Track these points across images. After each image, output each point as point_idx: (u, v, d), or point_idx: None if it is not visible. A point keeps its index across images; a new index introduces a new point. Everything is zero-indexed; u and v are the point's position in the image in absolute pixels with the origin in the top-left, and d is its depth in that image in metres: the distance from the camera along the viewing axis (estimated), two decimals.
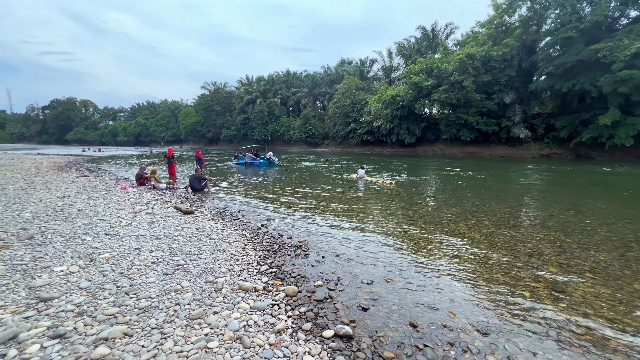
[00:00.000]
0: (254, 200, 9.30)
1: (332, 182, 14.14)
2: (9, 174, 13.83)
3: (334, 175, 16.53)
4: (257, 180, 14.11)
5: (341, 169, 20.41)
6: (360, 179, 15.56)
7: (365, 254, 4.78)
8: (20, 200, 7.47)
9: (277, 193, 10.53)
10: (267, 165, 22.84)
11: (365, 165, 17.35)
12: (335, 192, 11.00)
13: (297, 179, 14.64)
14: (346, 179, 15.75)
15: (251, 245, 5.01)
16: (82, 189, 9.78)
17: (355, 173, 16.50)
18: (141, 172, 11.55)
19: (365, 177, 15.67)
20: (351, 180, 15.29)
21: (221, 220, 6.60)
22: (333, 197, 9.81)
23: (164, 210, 7.19)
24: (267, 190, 11.06)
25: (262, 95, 66.13)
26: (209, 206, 8.24)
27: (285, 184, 12.99)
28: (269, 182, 13.41)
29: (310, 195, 10.19)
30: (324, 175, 16.79)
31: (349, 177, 16.09)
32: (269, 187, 11.90)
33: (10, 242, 4.44)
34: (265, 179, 14.88)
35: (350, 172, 17.63)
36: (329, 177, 15.89)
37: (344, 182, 14.26)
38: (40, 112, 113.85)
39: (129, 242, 4.76)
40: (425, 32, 49.81)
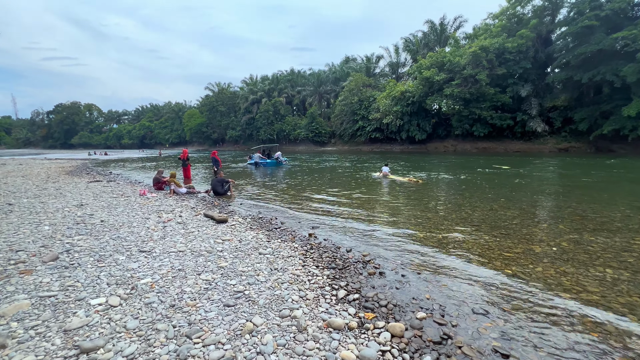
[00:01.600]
0: (282, 204, 8.57)
1: (357, 181, 13.38)
2: (19, 180, 13.23)
3: (355, 175, 15.74)
4: (277, 182, 13.38)
5: (359, 167, 19.62)
6: (384, 177, 14.81)
7: (448, 270, 4.02)
8: (35, 210, 6.79)
9: (304, 196, 9.79)
10: (274, 165, 22.43)
11: (389, 162, 16.52)
12: (368, 193, 10.23)
13: (319, 180, 13.89)
14: (369, 177, 15.00)
15: (310, 261, 4.26)
16: (98, 196, 9.10)
17: (378, 171, 15.73)
18: (159, 175, 10.87)
19: (389, 175, 14.91)
20: (375, 179, 14.55)
21: (261, 229, 5.87)
22: (369, 200, 9.04)
23: (194, 219, 6.48)
24: (292, 193, 10.33)
25: (267, 95, 65.44)
26: (240, 212, 7.51)
27: (308, 185, 12.25)
28: (290, 184, 12.68)
29: (342, 197, 9.43)
30: (345, 174, 16.02)
31: (372, 176, 15.33)
32: (292, 190, 11.16)
33: (33, 266, 3.73)
34: (285, 180, 14.14)
35: (369, 171, 16.83)
36: (350, 177, 15.12)
37: (369, 181, 13.49)
38: (45, 117, 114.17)
39: (169, 261, 4.04)
40: (433, 26, 48.75)
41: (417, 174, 15.11)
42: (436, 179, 13.54)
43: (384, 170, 15.20)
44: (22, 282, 3.32)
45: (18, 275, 3.46)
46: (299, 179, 14.26)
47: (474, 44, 33.56)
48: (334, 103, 60.72)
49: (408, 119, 42.07)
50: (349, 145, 54.85)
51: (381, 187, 11.68)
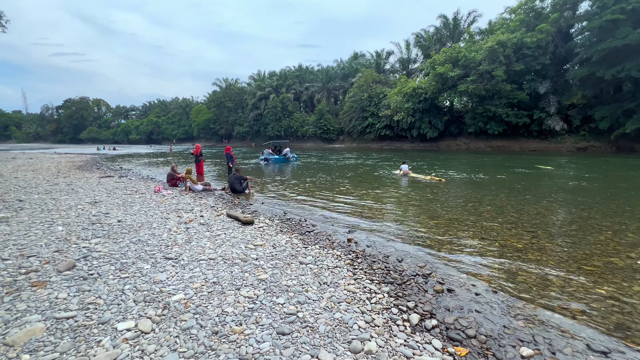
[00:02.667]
0: (307, 203, 8.01)
1: (378, 180, 12.76)
2: (29, 175, 12.88)
3: (374, 172, 15.10)
4: (296, 179, 12.83)
5: (375, 165, 18.97)
6: (404, 175, 14.21)
7: (530, 287, 3.42)
8: (47, 208, 6.33)
9: (328, 195, 9.21)
10: (283, 162, 22.12)
11: (407, 160, 15.86)
12: (394, 192, 9.61)
13: (338, 178, 13.29)
14: (388, 175, 14.39)
15: (361, 273, 3.69)
16: (112, 192, 8.64)
17: (398, 169, 15.11)
18: (173, 171, 10.38)
19: (409, 173, 14.30)
20: (395, 177, 13.94)
21: (293, 232, 5.31)
22: (399, 199, 8.42)
23: (217, 220, 5.95)
24: (314, 192, 9.76)
25: (275, 91, 64.85)
26: (264, 212, 6.97)
27: (329, 183, 11.67)
28: (310, 182, 12.10)
29: (368, 196, 8.84)
30: (363, 172, 15.39)
31: (392, 174, 14.72)
32: (313, 188, 10.59)
33: (46, 276, 3.22)
34: (303, 177, 13.57)
35: (386, 169, 16.16)
36: (369, 175, 14.50)
37: (390, 179, 12.86)
38: (54, 112, 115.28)
39: (200, 272, 3.50)
40: (446, 21, 47.53)
41: (436, 173, 14.42)
42: (461, 179, 12.85)
43: (404, 169, 14.58)
44: (35, 297, 2.80)
45: (30, 288, 2.95)
46: (318, 177, 13.69)
47: (491, 38, 32.48)
48: (342, 99, 59.93)
49: (420, 116, 41.16)
50: (357, 143, 54.08)
51: (405, 186, 11.05)
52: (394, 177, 13.76)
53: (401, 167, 14.82)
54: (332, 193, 9.52)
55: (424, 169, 16.19)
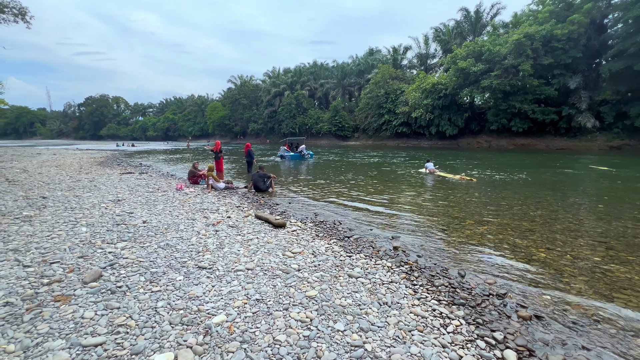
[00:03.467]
0: (336, 204, 7.51)
1: (404, 178, 12.12)
2: (53, 171, 12.95)
3: (398, 171, 14.43)
4: (319, 178, 12.34)
5: (396, 163, 18.26)
6: (430, 174, 13.54)
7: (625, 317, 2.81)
8: (70, 206, 6.08)
9: (357, 195, 8.68)
10: (298, 159, 21.95)
11: (431, 158, 15.11)
12: (426, 192, 8.98)
13: (363, 176, 12.73)
14: (414, 174, 13.75)
15: (423, 291, 3.17)
16: (134, 190, 8.41)
17: (423, 168, 14.43)
18: (194, 169, 10.09)
19: (436, 171, 13.62)
20: (421, 175, 13.31)
21: (330, 237, 4.83)
22: (434, 201, 7.80)
23: (245, 221, 5.54)
24: (342, 191, 9.24)
25: (290, 88, 64.50)
26: (294, 213, 6.52)
27: (354, 182, 11.12)
28: (335, 180, 11.59)
29: (400, 196, 8.26)
30: (385, 170, 14.74)
31: (418, 172, 14.07)
32: (340, 187, 10.07)
33: (70, 287, 2.85)
34: (326, 176, 13.07)
35: (409, 167, 15.43)
36: (393, 173, 13.86)
37: (417, 178, 12.21)
38: (76, 110, 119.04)
39: (240, 285, 3.06)
40: (467, 14, 45.78)
41: (466, 172, 13.62)
42: (494, 178, 12.04)
43: (429, 167, 13.90)
44: (58, 315, 2.42)
45: (52, 304, 2.58)
46: (341, 175, 13.17)
47: (517, 31, 30.90)
48: (358, 96, 59.00)
49: (439, 113, 39.88)
50: (373, 140, 53.13)
51: (435, 186, 10.38)
52: (420, 176, 13.10)
53: (426, 166, 14.14)
54: (359, 192, 8.99)
55: (452, 168, 15.40)
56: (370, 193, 8.97)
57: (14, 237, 4.10)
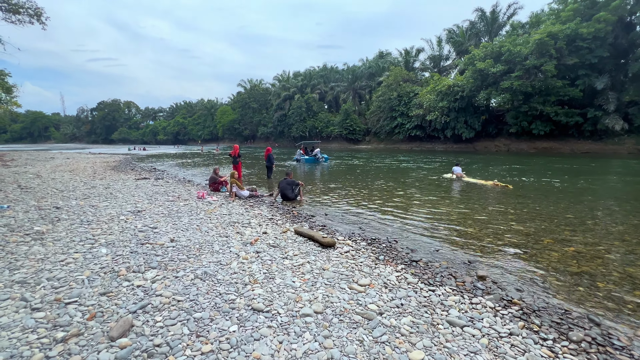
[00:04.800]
0: (377, 216, 6.68)
1: (432, 184, 11.23)
2: (67, 176, 12.46)
3: (429, 177, 13.50)
4: (346, 184, 11.52)
5: (424, 167, 17.32)
6: (457, 179, 12.66)
7: None
8: (87, 219, 5.41)
9: (395, 204, 7.83)
10: (313, 162, 21.56)
11: (459, 161, 14.17)
12: (465, 199, 8.08)
13: (391, 182, 11.88)
14: (441, 178, 12.93)
15: (567, 353, 2.32)
16: (152, 198, 7.74)
17: (450, 173, 13.55)
18: (215, 174, 9.40)
19: (464, 176, 12.72)
20: (447, 180, 12.50)
21: (394, 262, 4.01)
22: (480, 209, 6.90)
23: (285, 238, 4.76)
24: (375, 200, 8.41)
25: (300, 91, 64.12)
26: (335, 226, 5.71)
27: (384, 189, 10.28)
28: (364, 187, 10.76)
29: (437, 205, 7.38)
30: (409, 175, 13.84)
31: (443, 177, 13.22)
32: (372, 194, 9.23)
33: (93, 348, 2.09)
34: (352, 181, 12.25)
35: (433, 172, 14.49)
36: (419, 178, 12.95)
37: (445, 184, 11.30)
38: (89, 114, 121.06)
39: (315, 341, 2.27)
40: (482, 15, 44.70)
41: (498, 179, 12.65)
42: (532, 185, 11.05)
43: (457, 171, 12.99)
44: None
45: None
46: (366, 180, 12.34)
47: (540, 30, 29.74)
48: (368, 99, 58.20)
49: (455, 116, 38.77)
50: (384, 143, 52.18)
51: (470, 193, 9.44)
52: (446, 181, 12.29)
53: (454, 170, 13.23)
54: (394, 200, 8.15)
55: (477, 172, 14.41)
56: (403, 199, 8.11)
57: (23, 262, 3.40)
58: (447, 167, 16.57)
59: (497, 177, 12.55)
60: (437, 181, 12.33)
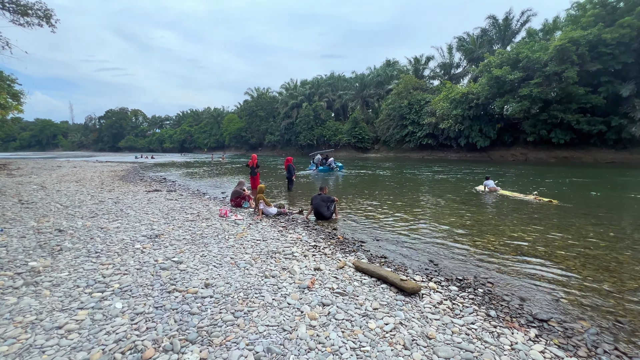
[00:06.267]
0: (423, 235, 5.58)
1: (470, 198, 10.06)
2: (72, 187, 11.56)
3: (460, 190, 12.33)
4: (370, 196, 10.42)
5: (451, 179, 16.16)
6: (489, 192, 11.61)
7: None
8: (95, 248, 4.40)
9: (436, 222, 6.72)
10: (327, 171, 21.18)
11: (490, 175, 13.05)
12: (525, 219, 6.94)
13: (416, 193, 10.76)
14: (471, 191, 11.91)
15: None
16: (169, 216, 6.73)
17: (481, 185, 12.48)
18: (240, 188, 8.39)
19: (498, 190, 11.64)
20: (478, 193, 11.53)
21: (512, 321, 2.91)
22: (555, 230, 5.76)
23: (345, 276, 3.69)
24: (412, 215, 7.30)
25: (308, 99, 63.67)
26: (400, 259, 4.62)
27: (413, 201, 9.17)
28: (392, 199, 9.66)
29: (496, 227, 6.25)
30: (437, 187, 12.68)
31: (475, 191, 12.20)
32: (404, 209, 8.13)
33: None
34: (375, 193, 11.14)
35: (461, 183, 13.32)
36: (452, 191, 11.79)
37: (483, 198, 10.16)
38: (96, 122, 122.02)
39: None
40: (495, 22, 44.08)
41: (538, 192, 11.49)
42: (575, 199, 9.87)
43: (489, 185, 11.89)
44: None
45: None
46: (396, 193, 11.25)
47: (560, 36, 28.82)
48: (377, 107, 57.48)
49: (469, 124, 37.69)
50: (394, 152, 51.15)
51: (522, 210, 8.27)
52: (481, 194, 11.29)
53: (485, 183, 12.11)
54: (444, 219, 7.04)
55: (507, 184, 13.23)
56: (459, 220, 6.99)
57: (4, 331, 2.36)
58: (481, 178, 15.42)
59: (524, 188, 11.38)
60: (474, 195, 11.21)
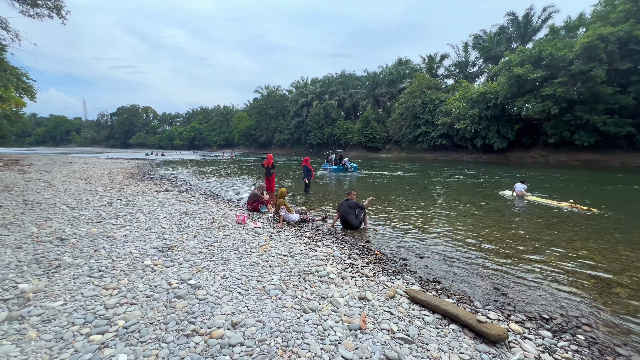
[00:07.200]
0: (473, 250, 4.79)
1: (503, 204, 9.15)
2: (81, 185, 11.10)
3: (486, 193, 11.40)
4: (393, 200, 9.63)
5: (462, 181, 15.21)
6: (519, 197, 10.79)
7: None
8: (98, 264, 3.76)
9: (479, 234, 5.90)
10: (341, 171, 21.05)
11: (525, 178, 12.09)
12: (575, 231, 6.07)
13: (446, 198, 9.91)
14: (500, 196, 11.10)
15: None
16: (181, 222, 6.10)
17: (510, 190, 11.62)
18: (259, 191, 7.72)
19: (527, 195, 10.80)
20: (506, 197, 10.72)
21: None
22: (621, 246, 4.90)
23: (405, 313, 2.96)
24: (446, 222, 6.50)
25: (318, 98, 62.89)
26: (456, 284, 3.86)
27: (446, 207, 8.35)
28: (420, 205, 8.85)
29: (555, 239, 5.40)
30: (463, 191, 11.77)
31: (502, 195, 11.38)
32: (434, 216, 7.33)
33: None
34: (399, 197, 10.34)
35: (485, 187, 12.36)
36: (478, 194, 10.86)
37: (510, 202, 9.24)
38: (108, 119, 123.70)
39: None
40: (514, 19, 42.51)
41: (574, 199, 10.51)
42: (615, 208, 8.88)
43: (519, 189, 11.00)
44: None
45: None
46: (421, 197, 10.44)
47: (587, 33, 27.35)
48: (389, 106, 56.34)
49: (486, 124, 36.36)
50: (406, 152, 50.03)
51: (566, 220, 7.37)
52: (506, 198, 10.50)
53: (515, 187, 11.21)
54: (479, 228, 6.22)
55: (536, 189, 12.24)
56: (504, 233, 6.16)
57: None
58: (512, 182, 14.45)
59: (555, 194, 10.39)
60: (508, 200, 10.31)
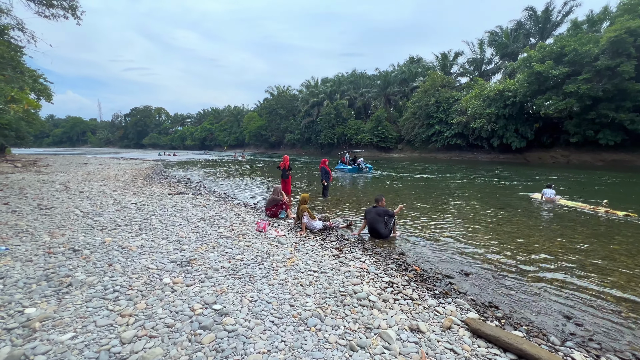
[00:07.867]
0: (514, 267, 4.23)
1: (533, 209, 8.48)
2: (96, 187, 10.95)
3: (515, 198, 10.69)
4: (421, 204, 9.07)
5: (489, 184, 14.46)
6: (548, 202, 10.13)
7: None
8: (112, 282, 3.40)
9: (525, 246, 5.31)
10: (356, 172, 20.73)
11: (553, 183, 11.33)
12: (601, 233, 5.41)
13: (475, 203, 9.28)
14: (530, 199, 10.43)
15: None
16: (199, 230, 5.73)
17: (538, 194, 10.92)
18: (277, 195, 7.31)
19: (557, 200, 10.11)
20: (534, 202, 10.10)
21: None
22: None
23: (471, 353, 2.46)
24: (484, 230, 5.92)
25: (329, 97, 62.36)
26: (525, 315, 3.34)
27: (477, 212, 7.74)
28: (453, 211, 8.27)
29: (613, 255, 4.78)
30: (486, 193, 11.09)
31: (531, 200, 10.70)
32: (471, 224, 6.75)
33: None
34: (425, 201, 9.77)
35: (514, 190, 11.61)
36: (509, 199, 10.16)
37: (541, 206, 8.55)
38: (122, 120, 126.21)
39: None
40: (533, 14, 41.01)
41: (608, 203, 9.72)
42: None
43: (548, 194, 10.30)
44: None
45: None
46: (449, 201, 9.85)
47: (614, 26, 25.99)
48: (401, 105, 55.37)
49: (504, 123, 35.17)
50: (419, 152, 49.04)
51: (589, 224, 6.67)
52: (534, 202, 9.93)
53: (544, 192, 10.50)
54: (517, 236, 5.63)
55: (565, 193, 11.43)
56: (554, 243, 5.56)
57: None
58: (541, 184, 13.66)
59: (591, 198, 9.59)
60: (540, 205, 9.61)
